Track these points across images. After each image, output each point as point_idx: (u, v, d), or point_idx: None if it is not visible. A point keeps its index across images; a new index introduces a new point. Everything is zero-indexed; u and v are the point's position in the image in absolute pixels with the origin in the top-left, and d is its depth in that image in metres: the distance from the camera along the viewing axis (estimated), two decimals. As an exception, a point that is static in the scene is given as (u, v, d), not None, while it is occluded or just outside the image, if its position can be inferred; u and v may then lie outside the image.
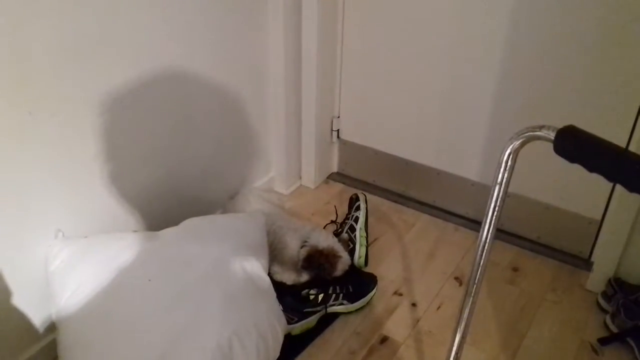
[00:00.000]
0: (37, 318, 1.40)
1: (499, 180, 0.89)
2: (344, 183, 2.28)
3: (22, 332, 1.38)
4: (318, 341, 1.57)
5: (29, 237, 1.33)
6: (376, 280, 1.72)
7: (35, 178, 1.30)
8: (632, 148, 1.62)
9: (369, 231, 1.91)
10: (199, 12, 1.60)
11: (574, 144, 0.76)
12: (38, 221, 1.34)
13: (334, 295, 1.62)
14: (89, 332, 1.25)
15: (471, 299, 1.02)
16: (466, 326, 1.06)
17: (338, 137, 2.26)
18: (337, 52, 2.09)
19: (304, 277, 1.71)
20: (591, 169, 0.74)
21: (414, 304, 1.70)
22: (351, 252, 1.80)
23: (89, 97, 1.36)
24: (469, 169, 1.99)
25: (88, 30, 1.30)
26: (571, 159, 0.76)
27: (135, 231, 1.58)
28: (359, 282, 1.69)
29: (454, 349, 1.09)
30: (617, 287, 1.66)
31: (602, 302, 1.68)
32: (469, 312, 1.04)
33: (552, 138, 0.79)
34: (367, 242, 1.86)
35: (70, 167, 1.37)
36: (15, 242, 1.30)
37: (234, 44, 1.77)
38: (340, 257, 1.69)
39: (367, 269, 1.81)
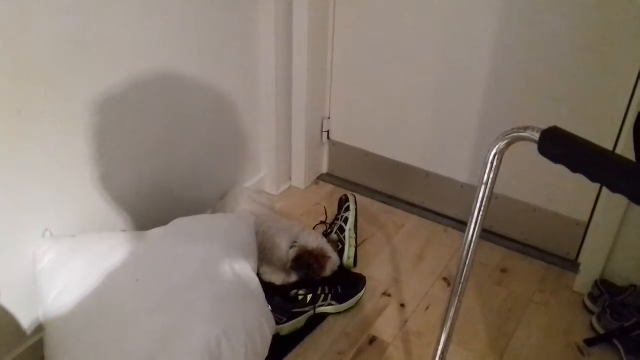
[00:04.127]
0: (24, 318, 1.39)
1: (485, 180, 0.90)
2: (333, 184, 2.29)
3: (9, 331, 1.37)
4: (307, 341, 1.57)
5: (16, 236, 1.32)
6: (365, 281, 1.72)
7: (23, 177, 1.29)
8: (619, 150, 1.63)
9: (358, 232, 1.91)
10: (190, 14, 1.60)
11: (558, 145, 0.77)
12: (26, 220, 1.34)
13: (322, 296, 1.63)
14: (76, 332, 1.24)
15: (457, 298, 1.03)
16: (452, 325, 1.07)
17: (328, 138, 2.27)
18: (328, 53, 2.09)
19: (293, 277, 1.71)
20: (574, 169, 0.75)
21: (402, 305, 1.71)
22: (340, 253, 1.80)
23: (79, 96, 1.36)
24: (458, 171, 2.00)
25: (79, 30, 1.30)
26: (555, 159, 0.77)
27: (124, 231, 1.57)
28: (348, 283, 1.69)
29: (440, 348, 1.10)
30: (603, 288, 1.68)
31: (588, 303, 1.70)
32: (455, 312, 1.05)
33: (537, 139, 0.80)
34: (356, 243, 1.87)
35: (59, 166, 1.37)
36: (2, 241, 1.30)
37: (225, 46, 1.77)
38: (329, 257, 1.69)
39: (356, 270, 1.82)
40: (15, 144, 1.25)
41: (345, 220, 1.90)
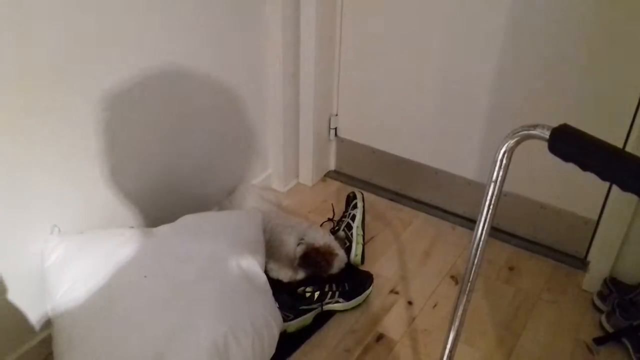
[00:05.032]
0: (33, 314, 1.40)
1: (494, 178, 0.89)
2: (341, 181, 2.29)
3: (17, 327, 1.38)
4: (314, 339, 1.57)
5: (25, 232, 1.33)
6: (372, 279, 1.72)
7: (31, 173, 1.30)
8: (629, 148, 1.62)
9: (365, 229, 1.91)
10: (197, 10, 1.60)
11: (568, 143, 0.76)
12: (34, 216, 1.34)
13: (330, 293, 1.62)
14: (84, 328, 1.25)
15: (465, 296, 1.02)
16: (460, 324, 1.06)
17: (336, 135, 2.26)
18: (336, 50, 2.09)
19: (300, 274, 1.71)
20: (584, 167, 0.74)
21: (410, 303, 1.70)
22: (348, 250, 1.80)
23: (86, 93, 1.36)
24: (466, 168, 1.99)
25: (87, 27, 1.30)
26: (565, 157, 0.77)
27: (131, 227, 1.58)
28: (355, 280, 1.69)
29: (448, 346, 1.09)
30: (612, 287, 1.67)
31: (597, 301, 1.69)
32: (463, 310, 1.04)
33: (547, 137, 0.79)
34: (363, 240, 1.86)
35: (66, 162, 1.37)
36: (11, 238, 1.30)
37: (232, 42, 1.77)
38: (336, 255, 1.69)
39: (364, 267, 1.82)
40: (23, 140, 1.25)
41: (353, 218, 1.89)
